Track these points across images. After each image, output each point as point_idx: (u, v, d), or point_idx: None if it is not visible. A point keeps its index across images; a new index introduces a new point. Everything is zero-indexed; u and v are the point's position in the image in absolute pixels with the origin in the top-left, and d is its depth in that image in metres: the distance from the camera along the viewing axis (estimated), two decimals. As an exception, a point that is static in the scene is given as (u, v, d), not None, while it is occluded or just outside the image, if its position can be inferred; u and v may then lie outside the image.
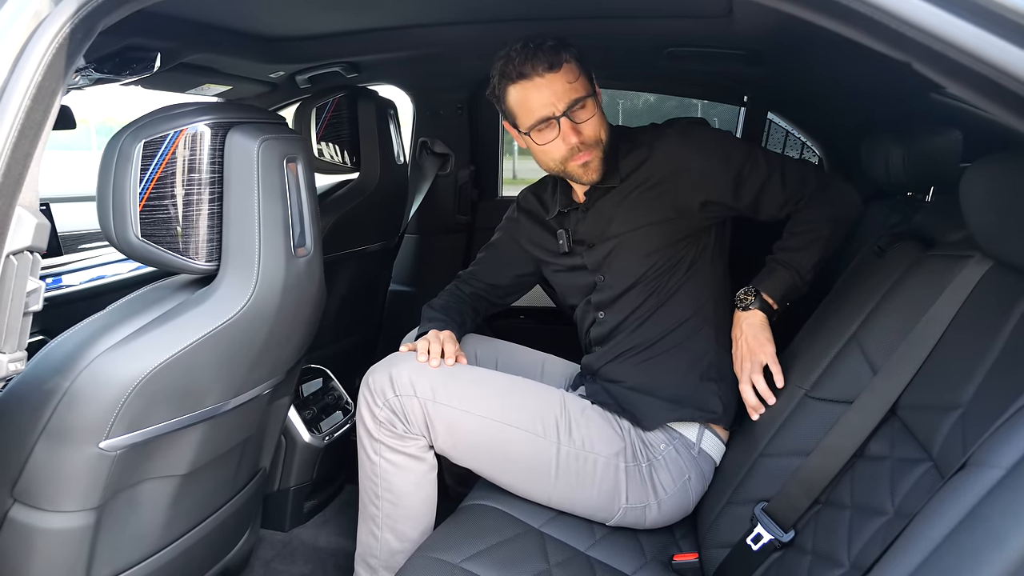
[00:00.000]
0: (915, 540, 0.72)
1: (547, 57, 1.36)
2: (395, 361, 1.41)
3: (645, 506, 1.42)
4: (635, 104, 5.43)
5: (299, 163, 1.13)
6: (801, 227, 1.50)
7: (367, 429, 1.38)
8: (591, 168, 1.45)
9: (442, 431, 1.37)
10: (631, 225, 1.50)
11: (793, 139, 2.33)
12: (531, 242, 1.69)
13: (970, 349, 0.99)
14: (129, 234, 1.01)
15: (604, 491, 1.40)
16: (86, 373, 0.95)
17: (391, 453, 1.38)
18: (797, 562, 1.17)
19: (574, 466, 1.39)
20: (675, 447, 1.45)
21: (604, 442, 1.42)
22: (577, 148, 1.41)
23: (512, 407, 1.40)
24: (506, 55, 1.38)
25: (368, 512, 1.43)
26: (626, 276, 1.52)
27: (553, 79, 1.37)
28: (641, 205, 1.49)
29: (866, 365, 1.21)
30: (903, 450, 1.06)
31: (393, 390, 1.35)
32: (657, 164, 1.49)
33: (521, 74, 1.37)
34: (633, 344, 1.52)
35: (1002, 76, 0.60)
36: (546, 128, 1.41)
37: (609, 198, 1.52)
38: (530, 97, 1.39)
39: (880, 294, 1.26)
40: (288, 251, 1.10)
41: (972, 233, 1.03)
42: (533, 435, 1.38)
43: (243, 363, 1.12)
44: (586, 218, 1.56)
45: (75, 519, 1.01)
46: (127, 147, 0.99)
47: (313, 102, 2.03)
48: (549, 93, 1.37)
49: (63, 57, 0.85)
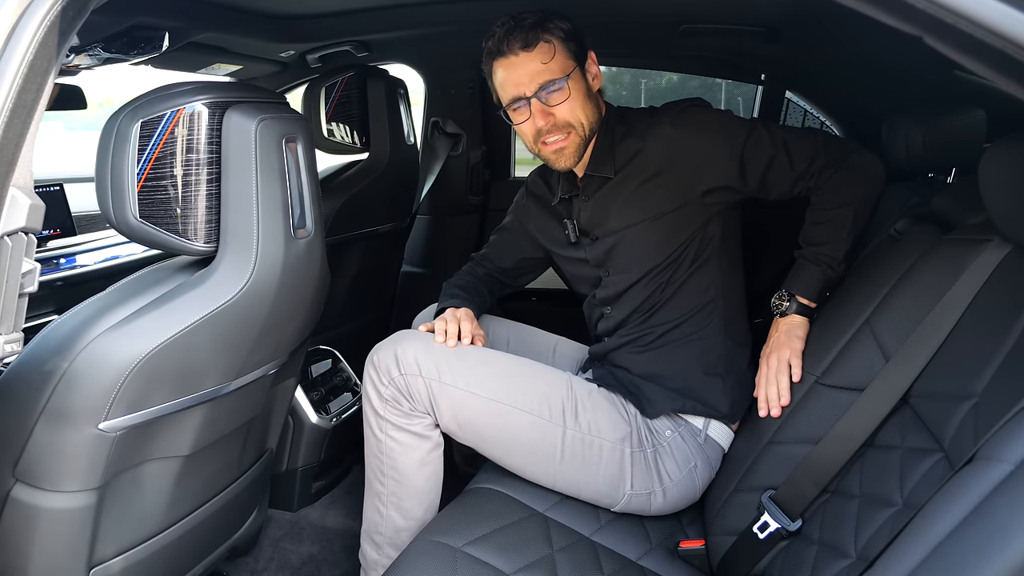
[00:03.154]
0: (920, 534, 0.70)
1: (523, 35, 1.34)
2: (400, 339, 1.39)
3: (650, 493, 1.40)
4: (658, 83, 5.36)
5: (299, 143, 1.12)
6: (823, 216, 1.43)
7: (372, 407, 1.38)
8: (565, 154, 1.41)
9: (447, 411, 1.36)
10: (631, 220, 1.46)
11: (812, 118, 2.27)
12: (539, 230, 1.67)
13: (985, 337, 0.96)
14: (128, 215, 1.00)
15: (609, 476, 1.39)
16: (84, 354, 0.95)
17: (396, 431, 1.37)
18: (803, 552, 1.15)
19: (579, 450, 1.38)
20: (681, 434, 1.43)
21: (610, 427, 1.40)
22: (546, 131, 1.39)
23: (518, 389, 1.38)
24: (492, 31, 1.37)
25: (374, 489, 1.43)
26: (630, 273, 1.48)
27: (527, 58, 1.35)
28: (640, 198, 1.44)
29: (878, 352, 1.18)
30: (914, 440, 1.04)
31: (398, 368, 1.34)
32: (653, 155, 1.43)
33: (499, 51, 1.36)
34: (639, 335, 1.49)
35: (1017, 50, 0.57)
36: (520, 108, 1.39)
37: (608, 189, 1.48)
38: (505, 75, 1.38)
39: (895, 279, 1.22)
40: (287, 232, 1.09)
41: (991, 216, 1.00)
42: (539, 418, 1.37)
43: (243, 345, 1.11)
44: (587, 207, 1.53)
45: (77, 499, 1.02)
46: (124, 127, 0.98)
47: (322, 82, 2.02)
48: (522, 72, 1.36)
49: (55, 36, 0.83)
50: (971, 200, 1.21)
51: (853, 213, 1.41)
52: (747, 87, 2.70)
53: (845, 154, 1.43)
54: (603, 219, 1.49)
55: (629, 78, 4.98)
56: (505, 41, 1.35)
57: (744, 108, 3.35)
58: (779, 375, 1.34)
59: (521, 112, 1.39)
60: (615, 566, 1.28)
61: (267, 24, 1.70)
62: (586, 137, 1.42)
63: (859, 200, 1.42)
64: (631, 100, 4.89)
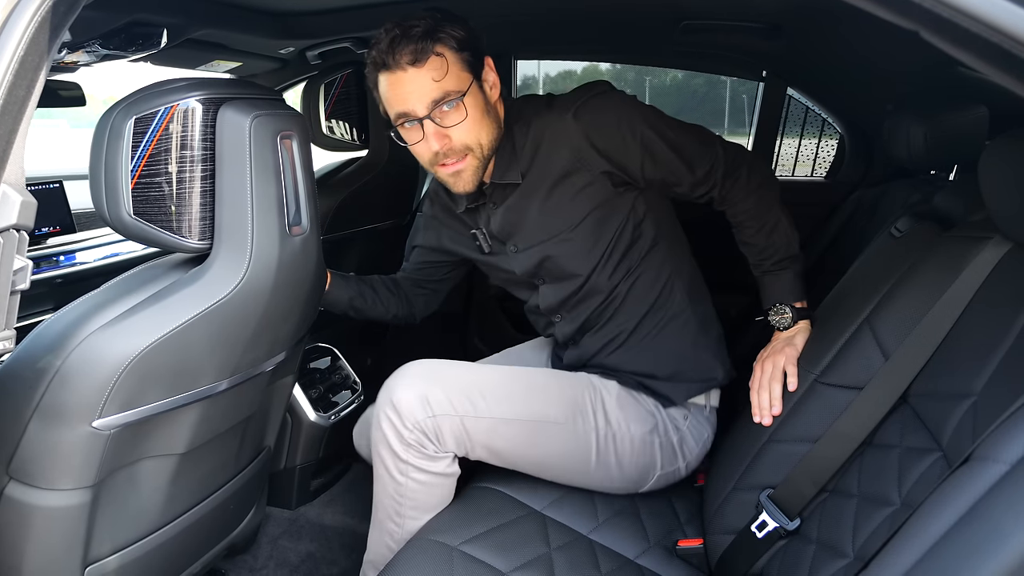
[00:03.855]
0: (916, 534, 0.70)
1: (411, 47, 1.21)
2: (418, 377, 1.30)
3: (676, 469, 1.46)
4: (663, 80, 5.35)
5: (294, 140, 1.11)
6: (756, 234, 1.41)
7: (392, 450, 1.28)
8: (463, 178, 1.33)
9: (481, 443, 1.31)
10: (553, 231, 1.39)
11: (813, 115, 2.26)
12: (452, 240, 1.57)
13: (985, 335, 0.95)
14: (121, 212, 1.00)
15: (641, 465, 1.42)
16: (78, 352, 0.95)
17: (420, 473, 1.30)
18: (801, 551, 1.14)
19: (612, 447, 1.39)
20: (693, 416, 1.47)
21: (638, 422, 1.42)
22: (443, 155, 1.29)
23: (547, 402, 1.36)
24: (377, 37, 1.24)
25: (386, 527, 1.35)
26: (569, 281, 1.43)
27: (416, 75, 1.23)
28: (555, 205, 1.38)
29: (878, 350, 1.17)
30: (913, 439, 1.03)
31: (428, 410, 1.26)
32: (559, 153, 1.35)
33: (384, 63, 1.24)
34: (612, 336, 1.46)
35: (1015, 45, 0.56)
36: (411, 128, 1.29)
37: (517, 195, 1.40)
38: (392, 90, 1.26)
39: (895, 277, 1.21)
40: (282, 229, 1.08)
41: (991, 214, 0.99)
42: (572, 425, 1.36)
43: (238, 343, 1.11)
44: (497, 215, 1.43)
45: (71, 497, 1.01)
46: (118, 123, 0.98)
47: (321, 78, 2.01)
48: (411, 90, 1.24)
49: (46, 31, 0.83)
50: (973, 197, 1.20)
51: (778, 209, 1.40)
52: (750, 85, 2.69)
53: (744, 160, 1.40)
54: (518, 228, 1.42)
55: (633, 75, 4.98)
56: (391, 53, 1.22)
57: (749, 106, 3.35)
58: (772, 382, 1.32)
59: (413, 131, 1.29)
60: (613, 565, 1.28)
61: (266, 21, 1.69)
62: (485, 158, 1.33)
63: (775, 199, 1.41)
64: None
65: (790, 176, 2.38)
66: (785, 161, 2.34)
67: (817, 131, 2.29)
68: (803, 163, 2.36)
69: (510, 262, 1.48)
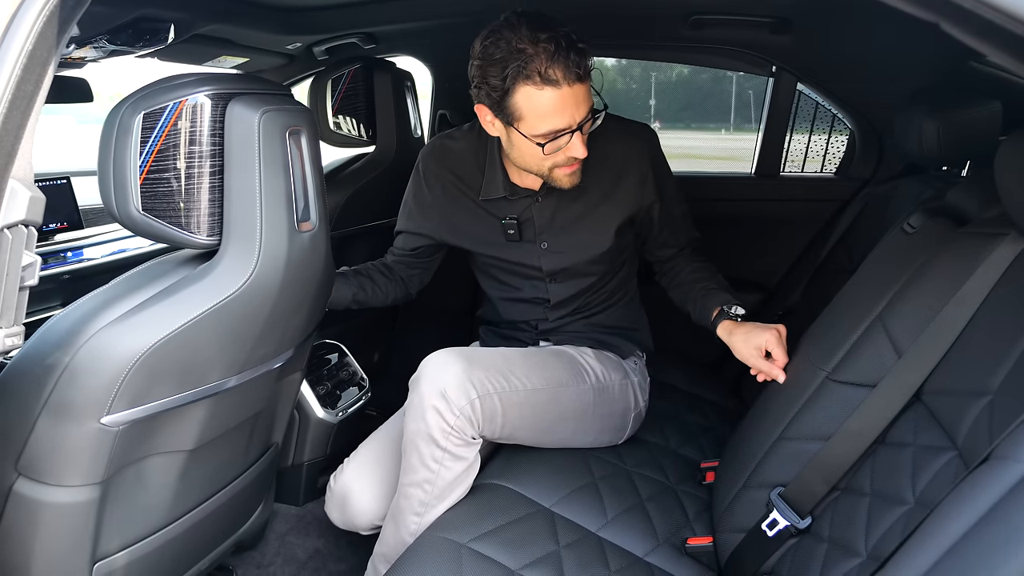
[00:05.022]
0: (934, 534, 0.69)
1: (579, 63, 1.25)
2: (459, 363, 1.32)
3: (639, 409, 1.64)
4: (668, 76, 5.34)
5: (303, 135, 1.10)
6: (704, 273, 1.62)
7: (432, 439, 1.29)
8: (576, 175, 1.42)
9: (512, 419, 1.37)
10: (592, 238, 1.53)
11: (823, 111, 2.24)
12: (465, 224, 1.58)
13: (1001, 333, 0.94)
14: (130, 208, 0.99)
15: (624, 409, 1.58)
16: (86, 348, 0.94)
17: (454, 462, 1.32)
18: (813, 550, 1.13)
19: (604, 397, 1.53)
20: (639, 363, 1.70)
21: (615, 371, 1.59)
22: (576, 159, 1.36)
23: (559, 367, 1.48)
24: (529, 50, 1.23)
25: (404, 520, 1.35)
26: (581, 280, 1.59)
27: (579, 89, 1.27)
28: (604, 216, 1.52)
29: (891, 347, 1.15)
30: (927, 437, 1.02)
31: (471, 393, 1.29)
32: (617, 165, 1.50)
33: (548, 79, 1.24)
34: (584, 314, 1.64)
35: (1039, 37, 0.55)
36: (557, 138, 1.32)
37: (570, 195, 1.48)
38: (552, 105, 1.27)
39: (908, 273, 1.20)
40: (291, 225, 1.08)
41: (1007, 210, 0.97)
42: (576, 386, 1.48)
43: (247, 339, 1.10)
44: (543, 210, 1.52)
45: (79, 493, 1.01)
46: (127, 119, 0.97)
47: (328, 74, 2.00)
48: (573, 104, 1.28)
49: (54, 25, 0.83)
50: (987, 193, 1.19)
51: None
52: (756, 80, 2.68)
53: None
54: (564, 229, 1.53)
55: (640, 71, 4.96)
56: (559, 69, 1.23)
57: (755, 102, 3.31)
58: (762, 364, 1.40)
59: (558, 141, 1.32)
60: (622, 563, 1.27)
61: (274, 16, 1.69)
62: None
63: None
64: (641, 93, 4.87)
65: (800, 172, 2.36)
66: (795, 157, 2.33)
67: (827, 127, 2.28)
68: (813, 159, 2.34)
69: (537, 257, 1.56)
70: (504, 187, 1.51)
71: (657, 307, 1.78)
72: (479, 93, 1.35)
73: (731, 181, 2.47)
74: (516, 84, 1.27)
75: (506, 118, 1.33)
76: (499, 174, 1.51)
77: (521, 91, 1.27)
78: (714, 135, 5.68)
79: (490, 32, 1.29)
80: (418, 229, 1.65)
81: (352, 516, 1.49)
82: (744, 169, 2.42)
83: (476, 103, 1.38)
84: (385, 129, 2.10)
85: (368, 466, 1.50)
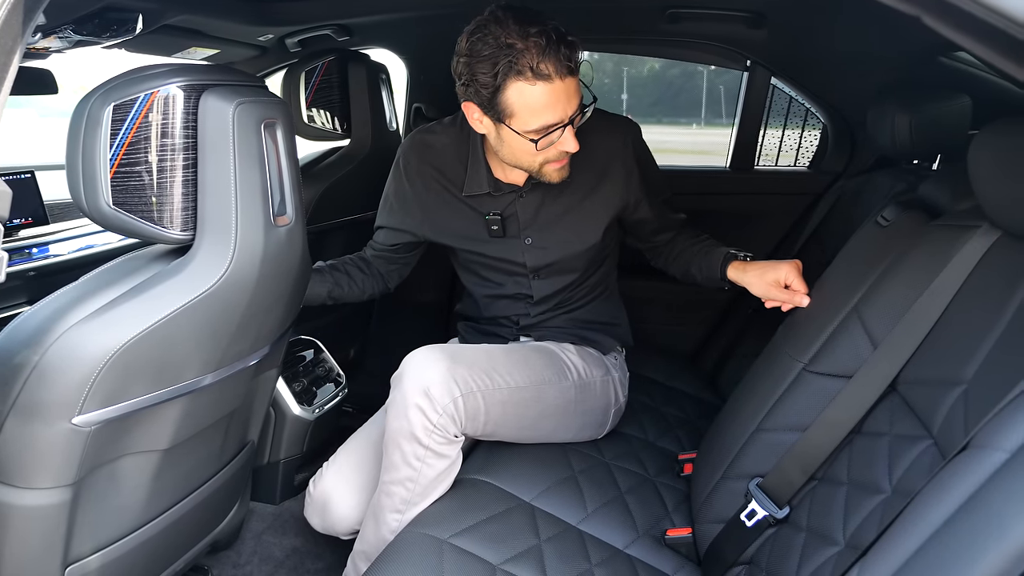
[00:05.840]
0: (914, 522, 0.70)
1: (570, 57, 1.24)
2: (443, 361, 1.30)
3: (620, 405, 1.65)
4: (640, 71, 5.36)
5: (278, 127, 1.09)
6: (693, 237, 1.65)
7: (415, 437, 1.28)
8: (566, 169, 1.41)
9: (495, 416, 1.36)
10: (576, 236, 1.53)
11: (797, 105, 2.26)
12: (439, 223, 1.57)
13: (974, 323, 0.96)
14: (100, 202, 0.97)
15: (604, 404, 1.59)
16: (56, 346, 0.92)
17: (436, 459, 1.31)
18: (791, 539, 1.14)
19: (585, 393, 1.54)
20: (619, 359, 1.70)
21: (596, 367, 1.59)
22: (567, 154, 1.36)
23: (542, 365, 1.48)
24: (519, 45, 1.22)
25: (385, 518, 1.34)
26: (564, 276, 1.58)
27: (570, 83, 1.26)
28: (589, 211, 1.52)
29: (866, 339, 1.17)
30: (902, 427, 1.03)
31: (455, 391, 1.28)
32: (601, 159, 1.50)
33: (540, 74, 1.23)
34: (563, 310, 1.63)
35: (1020, 31, 0.55)
36: (549, 133, 1.31)
37: (555, 191, 1.48)
38: (545, 100, 1.26)
39: (883, 265, 1.22)
40: (267, 220, 1.06)
41: (980, 202, 0.99)
42: (559, 382, 1.48)
43: (223, 336, 1.08)
44: (526, 205, 1.51)
45: (50, 496, 0.99)
46: (96, 111, 0.95)
47: (302, 66, 1.98)
48: (565, 98, 1.27)
49: (19, 14, 0.80)
50: (958, 186, 1.21)
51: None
52: (728, 74, 2.70)
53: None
54: (549, 225, 1.52)
55: (612, 66, 4.97)
56: (550, 63, 1.22)
57: (726, 96, 3.33)
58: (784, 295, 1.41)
59: (551, 135, 1.31)
60: (602, 555, 1.28)
61: (245, 7, 1.66)
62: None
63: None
64: (613, 88, 4.89)
65: (774, 166, 2.38)
66: (769, 151, 2.35)
67: (800, 121, 2.30)
68: (786, 153, 2.36)
69: (521, 253, 1.55)
70: (488, 183, 1.50)
71: (636, 299, 1.79)
72: (467, 91, 1.32)
73: (707, 175, 2.49)
74: (507, 80, 1.25)
75: (497, 115, 1.31)
76: (482, 170, 1.49)
77: (513, 87, 1.25)
78: (685, 129, 5.72)
79: (476, 28, 1.26)
80: (399, 225, 1.62)
81: (333, 522, 1.47)
82: (717, 163, 2.43)
83: (463, 101, 1.35)
84: (360, 122, 2.08)
85: (348, 471, 1.49)
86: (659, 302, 2.36)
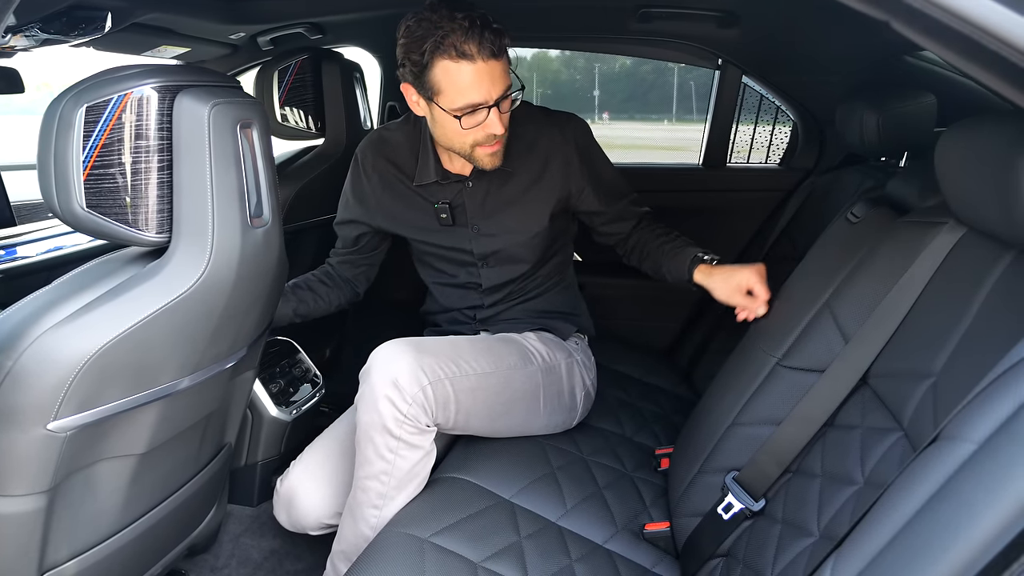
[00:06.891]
0: (887, 513, 0.71)
1: (494, 41, 1.30)
2: (405, 351, 1.32)
3: (587, 390, 1.67)
4: (611, 67, 5.39)
5: (254, 128, 1.08)
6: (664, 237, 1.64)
7: (386, 428, 1.29)
8: (498, 155, 1.46)
9: (465, 405, 1.38)
10: (521, 225, 1.56)
11: (768, 103, 2.30)
12: (393, 215, 1.62)
13: (942, 317, 0.98)
14: (73, 205, 0.95)
15: (571, 388, 1.61)
16: (31, 351, 0.91)
17: (409, 451, 1.32)
18: (767, 531, 1.17)
19: (552, 378, 1.56)
20: (582, 344, 1.72)
21: (559, 351, 1.62)
22: (495, 137, 1.40)
23: (506, 352, 1.50)
24: (445, 26, 1.29)
25: (363, 514, 1.35)
26: (516, 265, 1.62)
27: (494, 66, 1.32)
28: (533, 201, 1.56)
29: (838, 333, 1.20)
30: (873, 419, 1.06)
31: (423, 379, 1.30)
32: (551, 157, 1.55)
33: (463, 53, 1.29)
34: (518, 299, 1.67)
35: (983, 36, 0.57)
36: (476, 113, 1.36)
37: (500, 182, 1.54)
38: (468, 79, 1.32)
39: (853, 261, 1.25)
40: (244, 221, 1.05)
41: (946, 199, 1.02)
42: (525, 368, 1.51)
43: (200, 338, 1.07)
44: (475, 195, 1.56)
45: (24, 503, 0.97)
46: (68, 112, 0.93)
47: (275, 65, 1.96)
48: (488, 80, 1.33)
49: (-11, 14, 0.79)
50: (924, 184, 1.24)
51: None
52: (697, 71, 2.73)
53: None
54: (495, 213, 1.56)
55: (583, 62, 5.00)
56: (473, 44, 1.29)
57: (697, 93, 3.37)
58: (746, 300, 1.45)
59: (475, 116, 1.36)
60: (582, 551, 1.29)
61: (216, 4, 1.64)
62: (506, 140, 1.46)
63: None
64: (585, 84, 4.91)
65: (745, 163, 2.42)
66: (740, 148, 2.39)
67: (771, 118, 2.34)
68: (758, 150, 2.40)
69: (469, 241, 1.59)
70: (436, 172, 1.54)
71: (608, 297, 1.80)
72: (403, 72, 1.39)
73: (679, 172, 2.51)
74: (434, 58, 1.31)
75: (427, 93, 1.37)
76: (431, 159, 1.54)
77: (439, 65, 1.32)
78: (657, 125, 5.77)
79: (413, 14, 1.34)
80: (355, 217, 1.66)
81: (299, 517, 1.48)
82: (690, 159, 2.46)
83: (402, 83, 1.41)
84: (334, 121, 2.07)
85: (314, 466, 1.50)
86: (631, 299, 2.39)
